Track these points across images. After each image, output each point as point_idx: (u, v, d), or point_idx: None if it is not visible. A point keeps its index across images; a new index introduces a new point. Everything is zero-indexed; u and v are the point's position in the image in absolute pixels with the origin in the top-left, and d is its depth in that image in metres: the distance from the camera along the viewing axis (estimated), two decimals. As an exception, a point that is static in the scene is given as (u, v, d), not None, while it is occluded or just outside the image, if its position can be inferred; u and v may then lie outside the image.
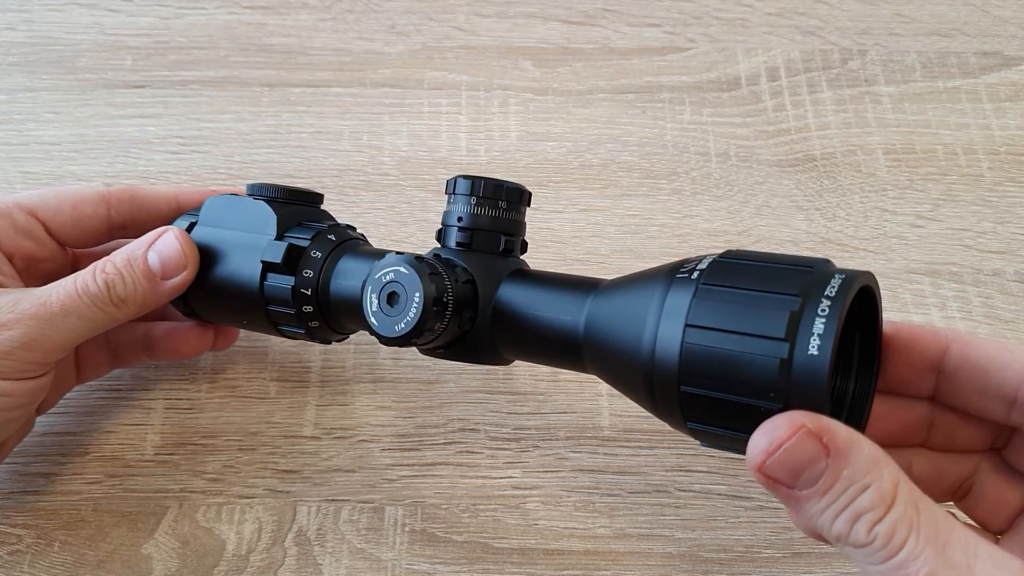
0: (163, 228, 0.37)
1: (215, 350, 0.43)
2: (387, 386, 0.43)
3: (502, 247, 0.35)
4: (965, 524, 0.25)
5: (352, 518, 0.40)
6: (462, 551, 0.39)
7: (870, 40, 0.56)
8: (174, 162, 0.50)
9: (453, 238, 0.35)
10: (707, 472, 0.41)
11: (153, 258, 0.36)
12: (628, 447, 0.42)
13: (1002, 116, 0.53)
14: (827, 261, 0.27)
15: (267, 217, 0.37)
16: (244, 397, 0.43)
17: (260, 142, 0.51)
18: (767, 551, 0.39)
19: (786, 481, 0.25)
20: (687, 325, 0.26)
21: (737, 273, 0.27)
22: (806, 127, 0.53)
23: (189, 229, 0.38)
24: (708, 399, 0.26)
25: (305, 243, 0.36)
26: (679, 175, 0.51)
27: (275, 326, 0.37)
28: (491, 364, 0.36)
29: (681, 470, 0.41)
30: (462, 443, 0.42)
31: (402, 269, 0.32)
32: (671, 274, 0.28)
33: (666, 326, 0.27)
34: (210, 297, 0.38)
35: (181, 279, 0.36)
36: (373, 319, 0.32)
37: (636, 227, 0.49)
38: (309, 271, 0.36)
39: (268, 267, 0.36)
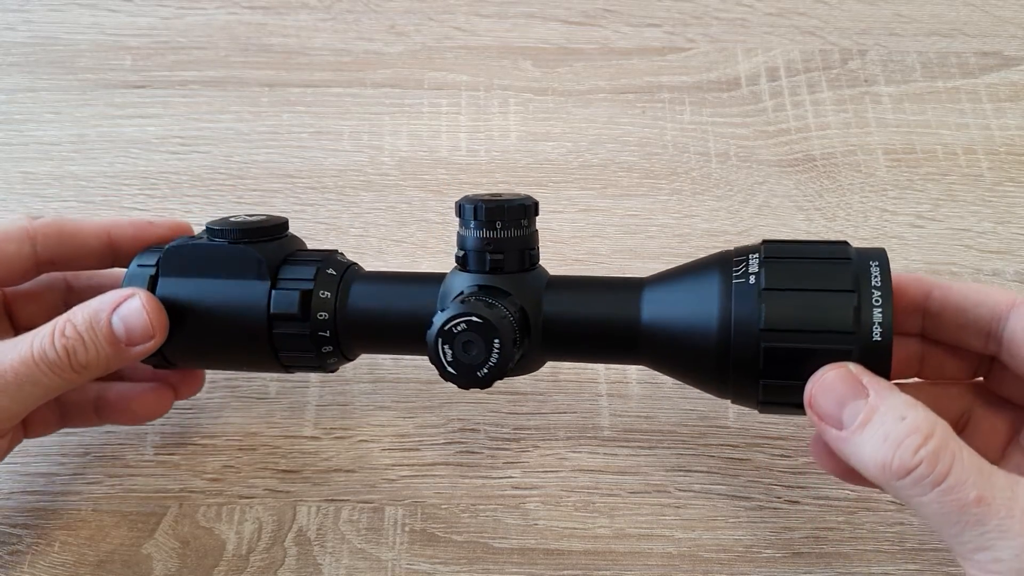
0: (128, 291, 0.34)
1: (178, 399, 0.40)
2: (387, 386, 0.43)
3: (530, 262, 0.35)
4: None
5: (352, 518, 0.40)
6: (462, 551, 0.39)
7: (870, 40, 0.56)
8: (174, 162, 0.50)
9: (486, 263, 0.34)
10: (707, 472, 0.41)
11: (118, 324, 0.33)
12: (628, 447, 0.42)
13: (1002, 116, 0.53)
14: (846, 243, 0.31)
15: (252, 262, 0.35)
16: (244, 397, 0.43)
17: (260, 142, 0.51)
18: (767, 551, 0.39)
19: (832, 416, 0.28)
20: (762, 330, 0.29)
21: (793, 274, 0.30)
22: (806, 127, 0.53)
23: (151, 284, 0.35)
24: (789, 350, 0.29)
25: (310, 286, 0.35)
26: (679, 175, 0.51)
27: (285, 368, 0.36)
28: (532, 372, 0.36)
29: (681, 470, 0.41)
30: (462, 443, 0.42)
31: (475, 319, 0.31)
32: (725, 275, 0.31)
33: (740, 310, 0.30)
34: (196, 351, 0.36)
35: (147, 347, 0.34)
36: (451, 370, 0.32)
37: (636, 227, 0.49)
38: (324, 313, 0.35)
39: (279, 317, 0.34)
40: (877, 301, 0.28)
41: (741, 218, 0.49)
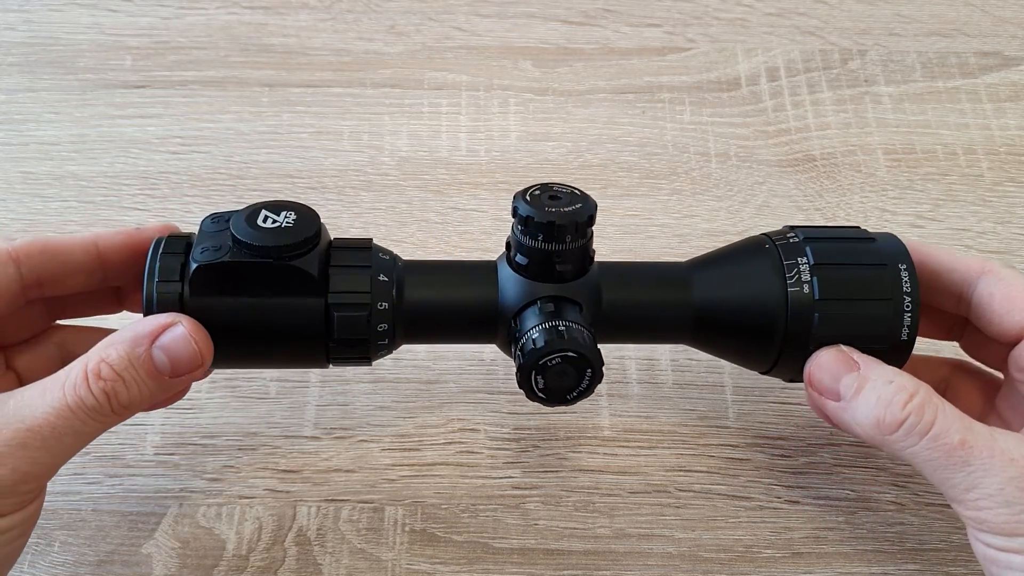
0: (167, 318, 0.31)
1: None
2: (387, 386, 0.43)
3: (589, 263, 0.35)
4: None
5: (352, 518, 0.40)
6: (462, 551, 0.39)
7: (870, 40, 0.56)
8: (174, 162, 0.50)
9: (553, 275, 0.34)
10: (707, 472, 0.41)
11: (160, 356, 0.30)
12: (628, 447, 0.42)
13: (1002, 116, 0.53)
14: (873, 239, 0.35)
15: (302, 280, 0.32)
16: (244, 397, 0.43)
17: (260, 142, 0.51)
18: (767, 551, 0.39)
19: (831, 390, 0.32)
20: (814, 336, 0.34)
21: (842, 285, 0.33)
22: (806, 127, 0.53)
23: (181, 303, 0.32)
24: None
25: (368, 299, 0.33)
26: (679, 175, 0.51)
27: (330, 362, 0.35)
28: None
29: (681, 470, 0.41)
30: (462, 443, 0.42)
31: (571, 354, 0.32)
32: (780, 279, 0.34)
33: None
34: (236, 364, 0.35)
35: (194, 376, 0.31)
36: (541, 395, 0.33)
37: (636, 227, 0.49)
38: (383, 324, 0.33)
39: (342, 341, 0.33)
40: (908, 307, 0.33)
41: (741, 218, 0.49)
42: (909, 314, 0.33)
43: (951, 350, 0.39)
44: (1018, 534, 0.29)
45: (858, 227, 0.36)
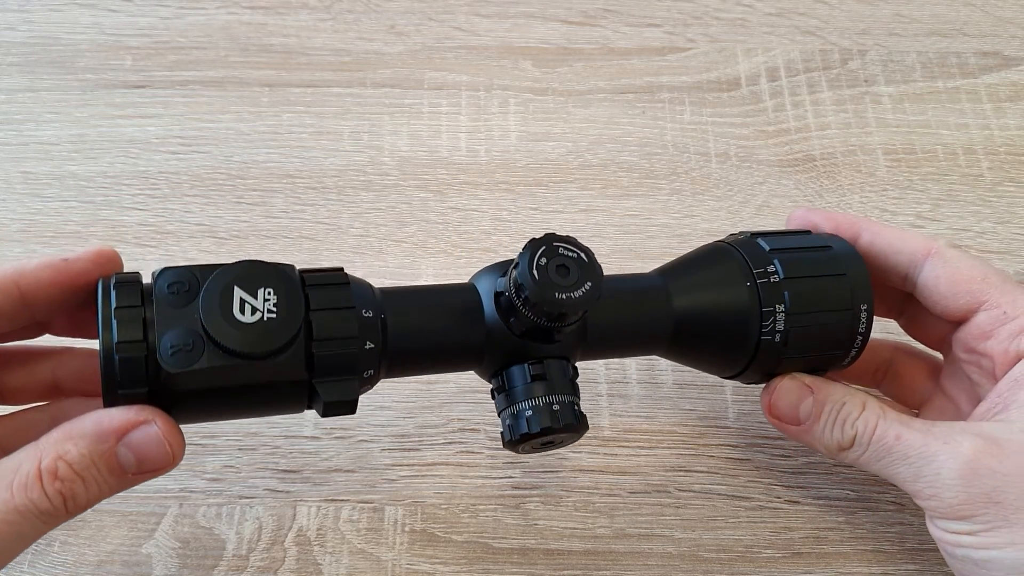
0: (137, 413, 0.27)
1: None
2: (387, 386, 0.43)
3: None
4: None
5: (352, 518, 0.40)
6: (462, 551, 0.39)
7: (870, 40, 0.56)
8: (174, 162, 0.50)
9: (552, 339, 0.33)
10: (707, 472, 0.41)
11: (126, 455, 0.27)
12: (628, 447, 0.42)
13: (1002, 116, 0.53)
14: (830, 247, 0.36)
15: (290, 381, 0.29)
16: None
17: (260, 142, 0.51)
18: (767, 551, 0.39)
19: (790, 416, 0.35)
20: (783, 347, 0.35)
21: (809, 299, 0.34)
22: (806, 127, 0.53)
23: (146, 371, 0.27)
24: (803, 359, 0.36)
25: (356, 359, 0.30)
26: (679, 175, 0.51)
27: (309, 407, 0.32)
28: None
29: (681, 470, 0.41)
30: (462, 443, 0.42)
31: (562, 434, 0.33)
32: (753, 295, 0.34)
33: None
34: (205, 419, 0.31)
35: (160, 473, 0.28)
36: (520, 451, 0.34)
37: (636, 227, 0.49)
38: (370, 371, 0.31)
39: (332, 404, 0.30)
40: (863, 314, 0.35)
41: (741, 218, 0.49)
42: (864, 321, 0.35)
43: (894, 326, 0.41)
44: (962, 516, 0.31)
45: (809, 232, 0.37)
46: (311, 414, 0.42)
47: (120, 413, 0.27)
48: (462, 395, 0.43)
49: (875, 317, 0.36)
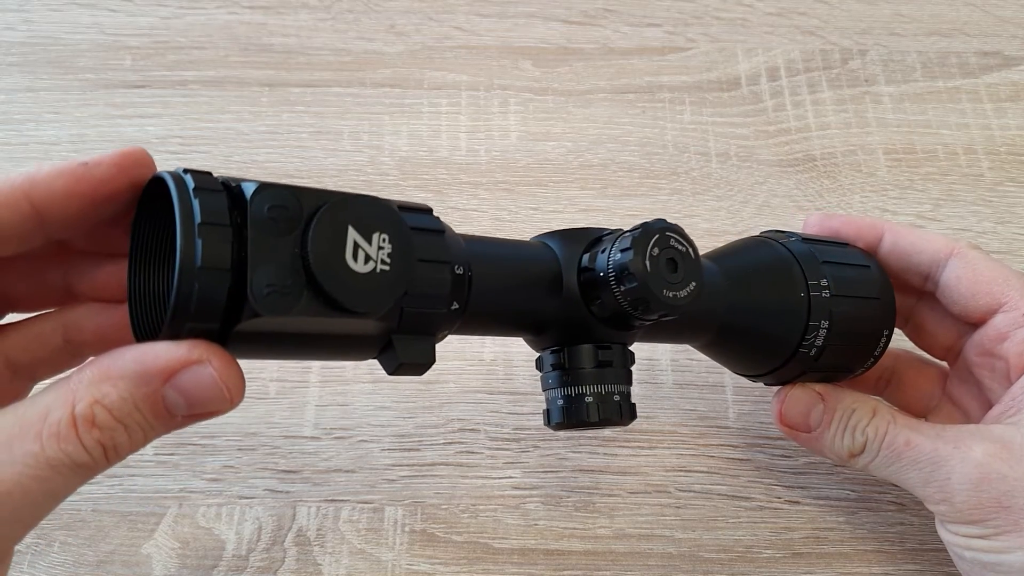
0: (189, 351, 0.23)
1: None
2: (387, 386, 0.43)
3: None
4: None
5: (352, 518, 0.40)
6: (462, 551, 0.39)
7: (870, 40, 0.56)
8: (174, 162, 0.50)
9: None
10: (707, 472, 0.41)
11: (175, 398, 0.23)
12: (628, 447, 0.42)
13: (1002, 116, 0.53)
14: (869, 267, 0.37)
15: (373, 336, 0.26)
16: (244, 397, 0.43)
17: (260, 142, 0.51)
18: (767, 551, 0.39)
19: (801, 424, 0.35)
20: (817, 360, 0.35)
21: (852, 321, 0.35)
22: (806, 127, 0.53)
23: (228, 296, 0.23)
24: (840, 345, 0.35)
25: (444, 309, 0.27)
26: (679, 175, 0.51)
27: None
28: None
29: (681, 470, 0.41)
30: (462, 443, 0.42)
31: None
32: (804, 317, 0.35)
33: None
34: (260, 356, 0.26)
35: (216, 414, 0.24)
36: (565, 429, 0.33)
37: (636, 227, 0.49)
38: (447, 331, 0.29)
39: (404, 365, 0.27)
40: (886, 333, 0.36)
41: (741, 218, 0.49)
42: (882, 346, 0.36)
43: (896, 334, 0.40)
44: (972, 521, 0.31)
45: (847, 245, 0.37)
46: (311, 415, 0.42)
47: (167, 351, 0.23)
48: (462, 395, 0.43)
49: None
